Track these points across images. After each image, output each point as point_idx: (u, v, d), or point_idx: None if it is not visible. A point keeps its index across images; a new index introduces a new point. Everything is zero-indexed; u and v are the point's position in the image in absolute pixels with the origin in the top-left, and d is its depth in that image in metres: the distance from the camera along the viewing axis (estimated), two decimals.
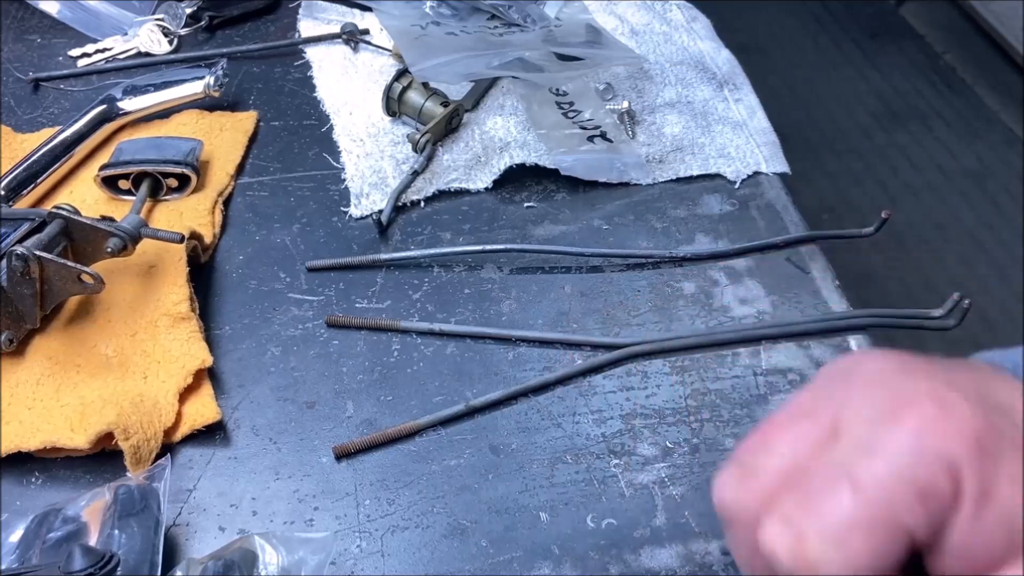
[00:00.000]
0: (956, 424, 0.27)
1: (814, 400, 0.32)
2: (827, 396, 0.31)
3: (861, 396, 0.30)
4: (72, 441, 0.51)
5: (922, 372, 0.30)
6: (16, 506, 0.51)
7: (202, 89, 0.73)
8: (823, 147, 2.14)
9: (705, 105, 0.79)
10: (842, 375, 0.32)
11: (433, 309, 0.62)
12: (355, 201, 0.69)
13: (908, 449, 0.27)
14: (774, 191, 0.72)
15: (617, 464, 0.54)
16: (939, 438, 0.27)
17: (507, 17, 0.83)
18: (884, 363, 0.31)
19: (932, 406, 0.28)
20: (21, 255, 0.53)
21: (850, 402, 0.30)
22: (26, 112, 0.77)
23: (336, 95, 0.78)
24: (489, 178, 0.71)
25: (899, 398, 0.29)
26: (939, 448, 0.27)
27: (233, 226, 0.68)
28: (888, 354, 0.32)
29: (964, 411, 0.28)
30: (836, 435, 0.30)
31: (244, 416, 0.56)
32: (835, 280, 0.65)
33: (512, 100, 0.75)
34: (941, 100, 2.30)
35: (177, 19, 0.83)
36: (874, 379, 0.31)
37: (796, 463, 0.30)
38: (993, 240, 1.95)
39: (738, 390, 0.58)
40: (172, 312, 0.58)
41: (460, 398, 0.57)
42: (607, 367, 0.59)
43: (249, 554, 0.45)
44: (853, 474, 0.28)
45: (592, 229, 0.69)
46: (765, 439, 0.31)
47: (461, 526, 0.51)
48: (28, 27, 0.86)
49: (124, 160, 0.67)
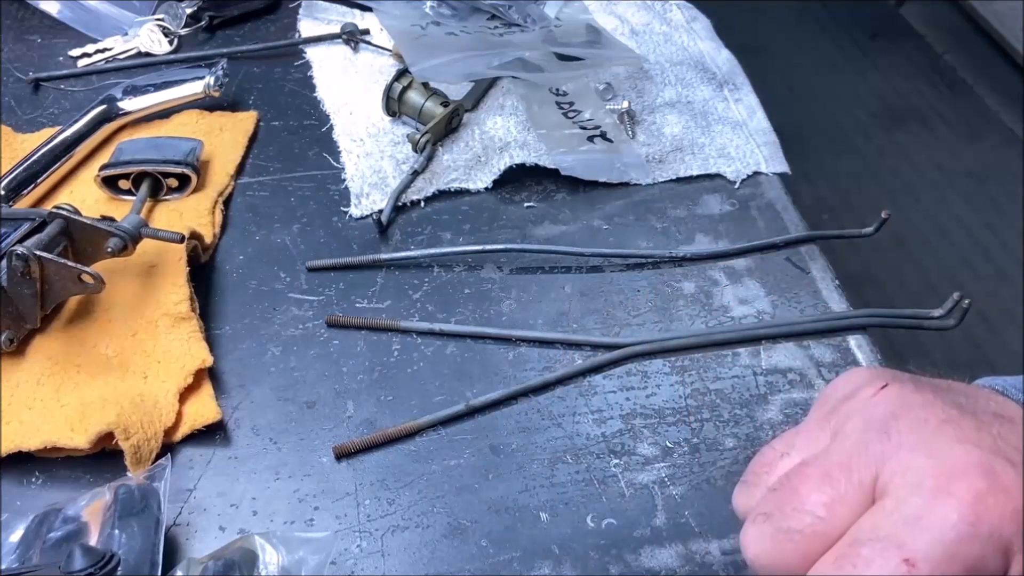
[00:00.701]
0: (1007, 501, 0.27)
1: (848, 453, 0.31)
2: (862, 449, 0.31)
3: (905, 457, 0.29)
4: (72, 441, 0.51)
5: (968, 432, 0.29)
6: (16, 506, 0.51)
7: (202, 89, 0.73)
8: (823, 147, 2.14)
9: (705, 105, 0.79)
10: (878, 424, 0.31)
11: (433, 309, 0.62)
12: (355, 201, 0.69)
13: (962, 526, 0.27)
14: (774, 191, 0.72)
15: (617, 464, 0.54)
16: (993, 516, 0.27)
17: (507, 17, 0.83)
18: (924, 413, 0.31)
19: (983, 480, 0.28)
20: (21, 255, 0.53)
21: (891, 462, 0.30)
22: (26, 112, 0.77)
23: (336, 95, 0.78)
24: (489, 178, 0.71)
25: (949, 467, 0.28)
26: (991, 526, 0.27)
27: (233, 226, 0.68)
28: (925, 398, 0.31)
29: (1015, 485, 0.28)
30: (875, 496, 0.29)
31: (244, 416, 0.56)
32: (835, 280, 0.65)
33: (512, 100, 0.75)
34: (941, 100, 2.30)
35: (177, 19, 0.83)
36: (916, 437, 0.30)
37: (834, 524, 0.30)
38: (993, 240, 1.95)
39: (738, 390, 0.58)
40: (172, 312, 0.58)
41: (460, 398, 0.57)
42: (607, 367, 0.59)
43: (249, 554, 0.45)
44: (904, 549, 0.27)
45: (592, 229, 0.69)
46: (799, 495, 0.31)
47: (461, 526, 0.51)
48: (28, 27, 0.86)
49: (124, 160, 0.67)
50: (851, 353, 0.61)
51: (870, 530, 0.29)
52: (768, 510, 0.31)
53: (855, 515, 0.29)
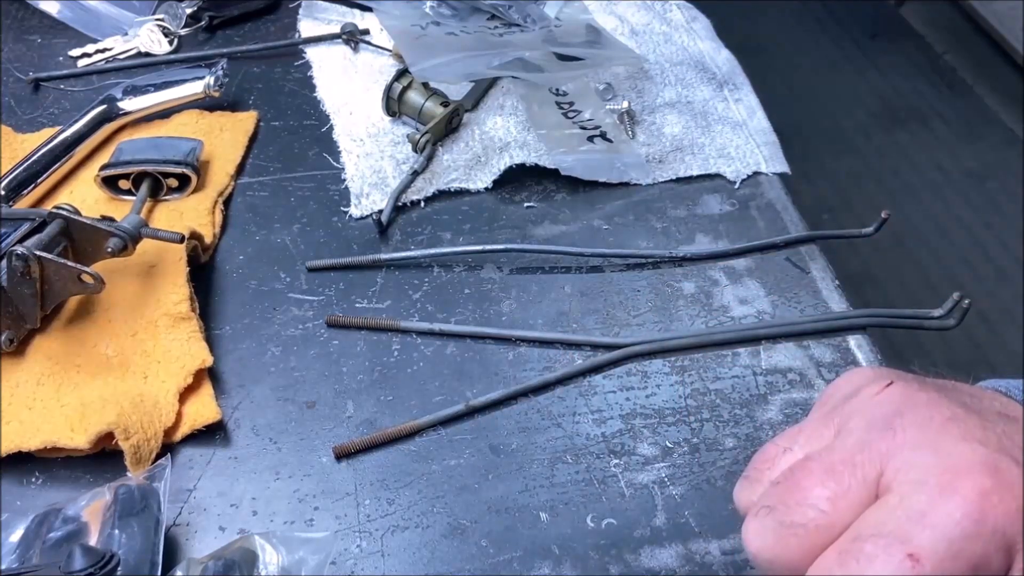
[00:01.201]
0: (1012, 499, 0.27)
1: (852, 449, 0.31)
2: (867, 446, 0.31)
3: (910, 454, 0.29)
4: (72, 441, 0.51)
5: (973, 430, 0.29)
6: (16, 506, 0.51)
7: (202, 89, 0.73)
8: (823, 147, 2.14)
9: (705, 105, 0.79)
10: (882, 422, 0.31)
11: (433, 309, 0.62)
12: (355, 201, 0.69)
13: (967, 523, 0.27)
14: (774, 191, 0.72)
15: (617, 464, 0.54)
16: (998, 514, 0.27)
17: (507, 17, 0.83)
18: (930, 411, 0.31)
19: (988, 478, 0.28)
20: (21, 255, 0.53)
21: (896, 459, 0.30)
22: (26, 112, 0.77)
23: (336, 95, 0.78)
24: (489, 178, 0.71)
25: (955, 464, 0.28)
26: (995, 524, 0.27)
27: (233, 226, 0.68)
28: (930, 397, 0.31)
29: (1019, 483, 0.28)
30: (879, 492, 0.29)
31: (244, 416, 0.56)
32: (835, 280, 0.65)
33: (512, 100, 0.75)
34: (941, 100, 2.30)
35: (177, 19, 0.83)
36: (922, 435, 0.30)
37: (838, 519, 0.29)
38: (993, 240, 1.95)
39: (738, 390, 0.58)
40: (172, 312, 0.58)
41: (460, 398, 0.57)
42: (607, 367, 0.59)
43: (249, 554, 0.45)
44: (909, 544, 0.27)
45: (592, 229, 0.69)
46: (802, 489, 0.31)
47: (461, 526, 0.51)
48: (28, 27, 0.86)
49: (124, 160, 0.67)
50: (851, 353, 0.61)
51: (874, 526, 0.28)
52: (771, 504, 0.31)
53: (858, 511, 0.29)
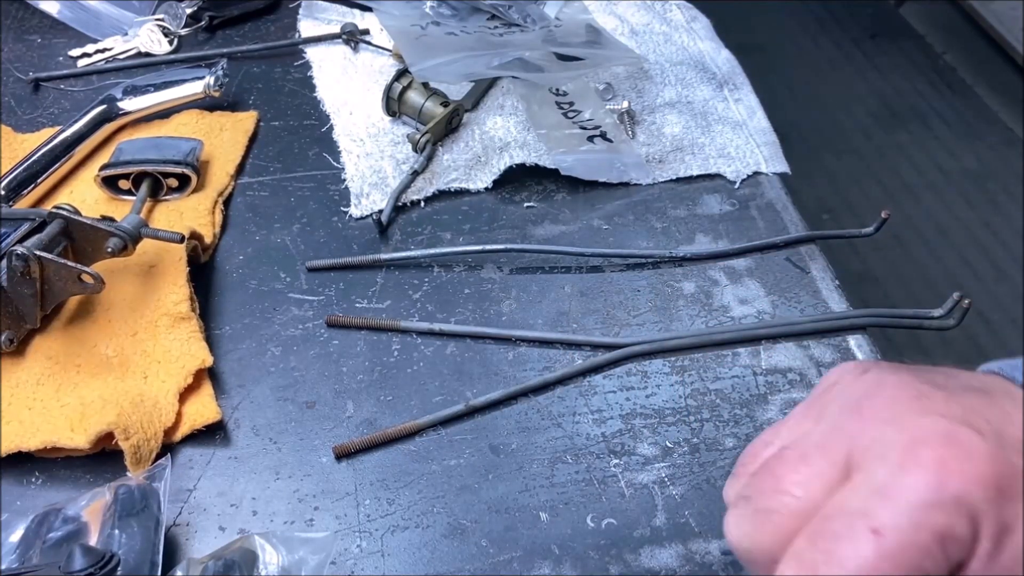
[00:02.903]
0: (973, 466, 0.27)
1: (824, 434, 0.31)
2: (838, 429, 0.31)
3: (875, 432, 0.30)
4: (72, 441, 0.51)
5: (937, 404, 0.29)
6: (16, 506, 0.51)
7: (202, 89, 0.73)
8: (823, 147, 2.14)
9: (705, 105, 0.79)
10: (853, 405, 0.31)
11: (433, 309, 0.62)
12: (355, 201, 0.69)
13: (927, 494, 0.27)
14: (774, 191, 0.72)
15: (617, 464, 0.54)
16: (957, 482, 0.27)
17: (507, 17, 0.83)
18: (897, 391, 0.31)
19: (948, 447, 0.28)
20: (21, 255, 0.53)
21: (862, 437, 0.30)
22: (26, 112, 0.77)
23: (336, 95, 0.78)
24: (489, 178, 0.71)
25: (914, 437, 0.28)
26: (957, 492, 0.27)
27: (233, 226, 0.68)
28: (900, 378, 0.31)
29: (980, 452, 0.28)
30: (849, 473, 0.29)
31: (244, 416, 0.56)
32: (835, 280, 0.65)
33: (512, 100, 0.75)
34: (941, 100, 2.30)
35: (177, 19, 0.83)
36: (887, 413, 0.30)
37: (810, 503, 0.30)
38: (993, 240, 1.95)
39: (738, 390, 0.58)
40: (172, 312, 0.58)
41: (460, 398, 0.57)
42: (607, 367, 0.59)
43: (249, 554, 0.45)
44: (872, 519, 0.27)
45: (592, 229, 0.69)
46: (776, 476, 0.31)
47: (461, 526, 0.51)
48: (28, 27, 0.86)
49: (124, 160, 0.67)
50: (851, 353, 0.61)
51: (840, 504, 0.29)
52: (748, 493, 0.32)
53: (831, 493, 0.30)
